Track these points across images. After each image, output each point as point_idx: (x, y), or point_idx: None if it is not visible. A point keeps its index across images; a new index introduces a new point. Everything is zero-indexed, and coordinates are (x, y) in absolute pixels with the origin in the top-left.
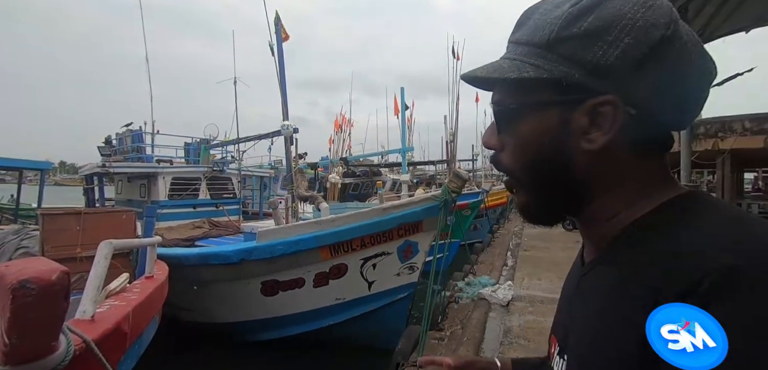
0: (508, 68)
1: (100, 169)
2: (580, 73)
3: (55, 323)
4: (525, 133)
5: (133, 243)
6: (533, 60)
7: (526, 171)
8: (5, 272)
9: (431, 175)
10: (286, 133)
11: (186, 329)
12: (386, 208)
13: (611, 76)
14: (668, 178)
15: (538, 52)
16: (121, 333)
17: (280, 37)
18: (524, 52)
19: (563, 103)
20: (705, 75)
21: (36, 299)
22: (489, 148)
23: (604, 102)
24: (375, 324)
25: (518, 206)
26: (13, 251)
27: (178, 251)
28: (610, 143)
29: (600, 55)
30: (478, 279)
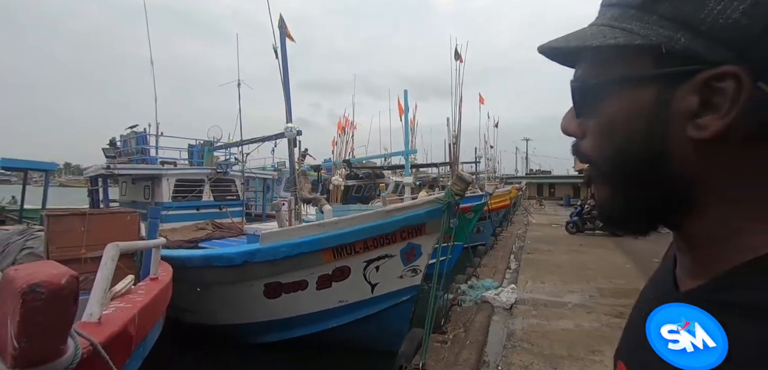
0: (592, 35)
1: (105, 171)
2: (688, 36)
3: (63, 327)
4: (612, 116)
5: (138, 245)
6: (626, 23)
7: (611, 162)
8: (15, 276)
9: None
10: (289, 136)
11: (189, 331)
12: (389, 210)
13: (733, 39)
14: None
15: (633, 14)
16: (127, 335)
17: (284, 40)
18: (616, 14)
19: (664, 78)
20: None
21: (45, 303)
22: (568, 134)
23: (722, 74)
24: (378, 327)
25: (598, 204)
26: (18, 251)
27: (182, 253)
28: (730, 132)
29: (718, 11)
30: (481, 282)
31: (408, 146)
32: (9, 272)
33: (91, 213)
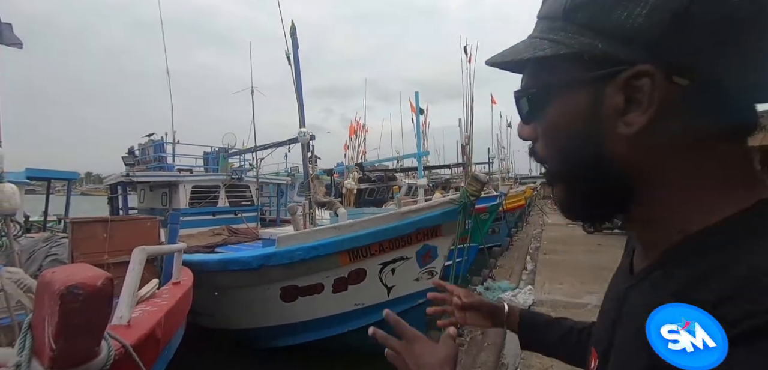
0: (524, 49)
1: (124, 179)
2: (604, 42)
3: (99, 328)
4: (553, 119)
5: (163, 249)
6: (553, 35)
7: (558, 160)
8: (52, 279)
9: (447, 178)
10: (303, 140)
11: (207, 335)
12: (404, 212)
13: (644, 40)
14: (751, 174)
15: (558, 25)
16: (155, 338)
17: (296, 47)
18: (544, 26)
19: (591, 81)
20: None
21: (83, 304)
22: (523, 139)
23: (638, 73)
24: (393, 330)
25: (556, 201)
26: (43, 258)
27: (200, 258)
28: (655, 125)
29: (625, 16)
30: (497, 284)
31: (420, 148)
32: (46, 274)
33: (112, 220)
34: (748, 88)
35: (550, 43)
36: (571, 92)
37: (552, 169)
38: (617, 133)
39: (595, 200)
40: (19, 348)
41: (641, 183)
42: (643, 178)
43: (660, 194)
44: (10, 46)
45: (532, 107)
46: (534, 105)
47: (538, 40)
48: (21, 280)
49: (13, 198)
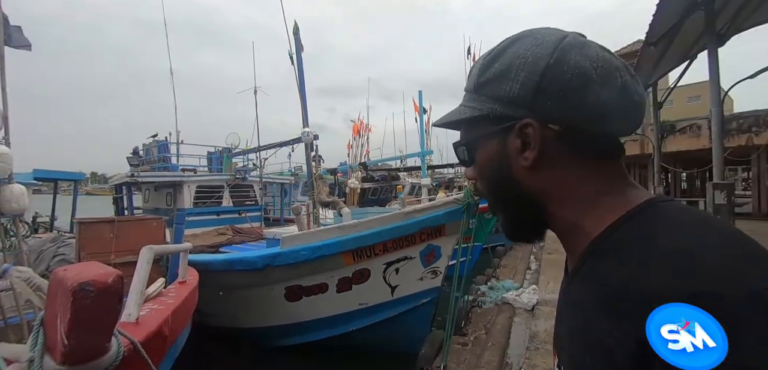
0: (455, 113)
1: (129, 179)
2: (501, 106)
3: (109, 325)
4: (481, 162)
5: (170, 248)
6: (470, 103)
7: (490, 193)
8: (65, 276)
9: (450, 178)
10: (306, 140)
11: (211, 334)
12: (408, 212)
13: (523, 103)
14: (627, 185)
15: (472, 96)
16: (162, 336)
17: (299, 46)
18: (466, 98)
19: (499, 132)
20: (613, 85)
21: (94, 300)
22: (470, 179)
23: (524, 124)
24: (398, 329)
25: (501, 226)
26: (50, 258)
27: (205, 257)
28: (544, 157)
29: (507, 89)
30: (501, 283)
31: (424, 147)
32: (58, 271)
33: (119, 220)
34: (603, 127)
35: (470, 109)
36: (488, 141)
37: (488, 200)
38: (520, 166)
39: (521, 220)
40: (32, 344)
41: (547, 201)
42: (547, 198)
43: (563, 210)
44: (20, 49)
45: (467, 154)
46: (467, 152)
47: (464, 107)
48: (30, 278)
49: (22, 199)
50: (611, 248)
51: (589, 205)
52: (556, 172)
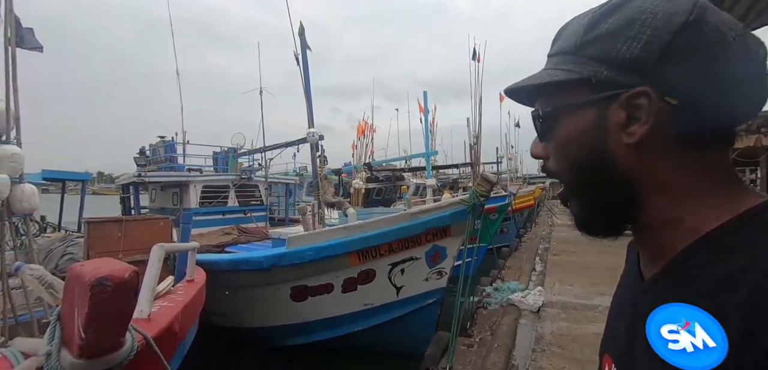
0: (540, 76)
1: (136, 179)
2: (609, 69)
3: (124, 320)
4: (565, 135)
5: (180, 247)
6: (564, 66)
7: (570, 172)
8: (83, 271)
9: (454, 178)
10: (312, 141)
11: (217, 334)
12: (414, 213)
13: (640, 68)
14: (736, 180)
15: (568, 58)
16: (172, 332)
17: (304, 47)
18: (556, 60)
19: (597, 102)
20: (752, 58)
21: (111, 295)
22: (536, 157)
23: (637, 93)
24: (403, 330)
25: (573, 217)
26: (59, 257)
27: (211, 257)
28: (653, 136)
29: (623, 49)
30: (506, 284)
31: (428, 148)
32: (76, 267)
33: (127, 220)
34: (724, 110)
35: (563, 72)
36: (581, 111)
37: (564, 181)
38: (621, 143)
39: (605, 209)
40: (49, 338)
41: (644, 188)
42: (646, 183)
43: (659, 199)
44: (32, 50)
45: (546, 126)
46: (548, 124)
47: (553, 70)
48: (42, 276)
49: (33, 198)
50: (740, 243)
51: (697, 197)
52: (662, 154)
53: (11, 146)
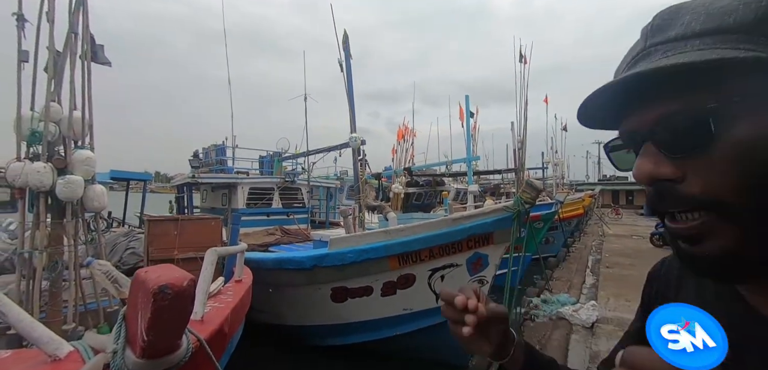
0: (714, 54)
1: (191, 180)
2: None
3: (182, 324)
4: (746, 140)
5: (230, 250)
6: (736, 46)
7: (749, 193)
8: (146, 278)
9: (496, 184)
10: (354, 145)
11: (259, 329)
12: (456, 218)
13: None
14: None
15: (736, 38)
16: (223, 334)
17: (348, 54)
18: (710, 42)
19: None
20: None
21: (171, 302)
22: (657, 179)
23: None
24: (442, 337)
25: (716, 256)
26: (123, 251)
27: (257, 255)
28: None
29: None
30: (556, 297)
31: (470, 153)
32: (140, 273)
33: (182, 219)
34: None
35: (742, 50)
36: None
37: (730, 208)
38: None
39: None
40: (116, 337)
41: None
42: None
43: None
44: (102, 65)
45: (697, 132)
46: (704, 128)
47: (719, 49)
48: (109, 271)
49: (102, 197)
50: None
51: None
52: None
53: (86, 151)
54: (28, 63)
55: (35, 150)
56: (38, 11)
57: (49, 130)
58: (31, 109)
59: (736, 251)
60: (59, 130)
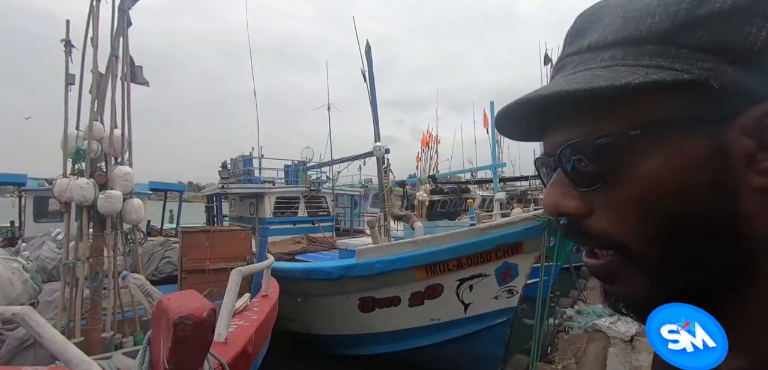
0: (610, 76)
1: (220, 190)
2: (733, 68)
3: (203, 352)
4: (654, 175)
5: (255, 268)
6: (646, 61)
7: (652, 240)
8: (168, 307)
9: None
10: (378, 154)
11: (287, 337)
12: (484, 228)
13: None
14: None
15: (651, 50)
16: (246, 355)
17: (371, 64)
18: (619, 54)
19: (713, 120)
20: None
21: (191, 332)
22: (561, 214)
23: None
24: (471, 348)
25: (625, 299)
26: (159, 260)
27: (286, 266)
28: None
29: (764, 35)
30: (591, 308)
31: (495, 160)
32: (163, 301)
33: (213, 230)
34: None
35: (657, 70)
36: (682, 137)
37: (633, 251)
38: (749, 185)
39: (695, 287)
40: (141, 361)
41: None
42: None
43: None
44: (141, 85)
45: (603, 163)
46: (610, 159)
47: (625, 67)
48: (143, 285)
49: (139, 211)
50: None
51: None
52: None
53: (125, 167)
54: (74, 85)
55: (80, 167)
56: (83, 37)
57: (92, 148)
58: (76, 128)
59: (644, 297)
60: (101, 148)
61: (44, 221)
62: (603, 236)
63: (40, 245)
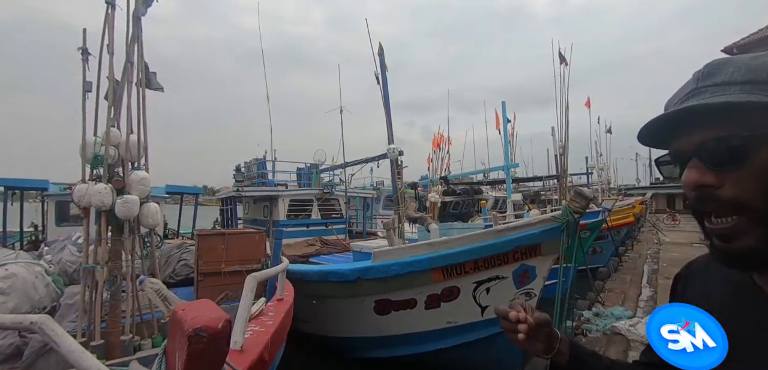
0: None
1: (234, 193)
2: None
3: (219, 363)
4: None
5: (270, 273)
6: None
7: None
8: (183, 318)
9: (536, 191)
10: (392, 156)
11: (302, 339)
12: (501, 230)
13: None
14: None
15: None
16: (263, 362)
17: (384, 67)
18: (747, 88)
19: None
20: None
21: (206, 345)
22: (699, 186)
23: None
24: (488, 352)
25: (747, 250)
26: (176, 262)
27: (302, 268)
28: None
29: None
30: (609, 310)
31: (508, 160)
32: (177, 310)
33: (229, 233)
34: None
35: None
36: None
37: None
38: None
39: None
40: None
41: None
42: None
43: None
44: (155, 91)
45: (736, 152)
46: (741, 150)
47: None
48: (160, 290)
49: (156, 215)
50: None
51: None
52: None
53: (141, 172)
54: (91, 92)
55: (98, 172)
56: (99, 44)
57: (109, 154)
58: (94, 135)
59: (761, 248)
60: (118, 153)
61: (66, 225)
62: (732, 199)
63: (61, 249)
